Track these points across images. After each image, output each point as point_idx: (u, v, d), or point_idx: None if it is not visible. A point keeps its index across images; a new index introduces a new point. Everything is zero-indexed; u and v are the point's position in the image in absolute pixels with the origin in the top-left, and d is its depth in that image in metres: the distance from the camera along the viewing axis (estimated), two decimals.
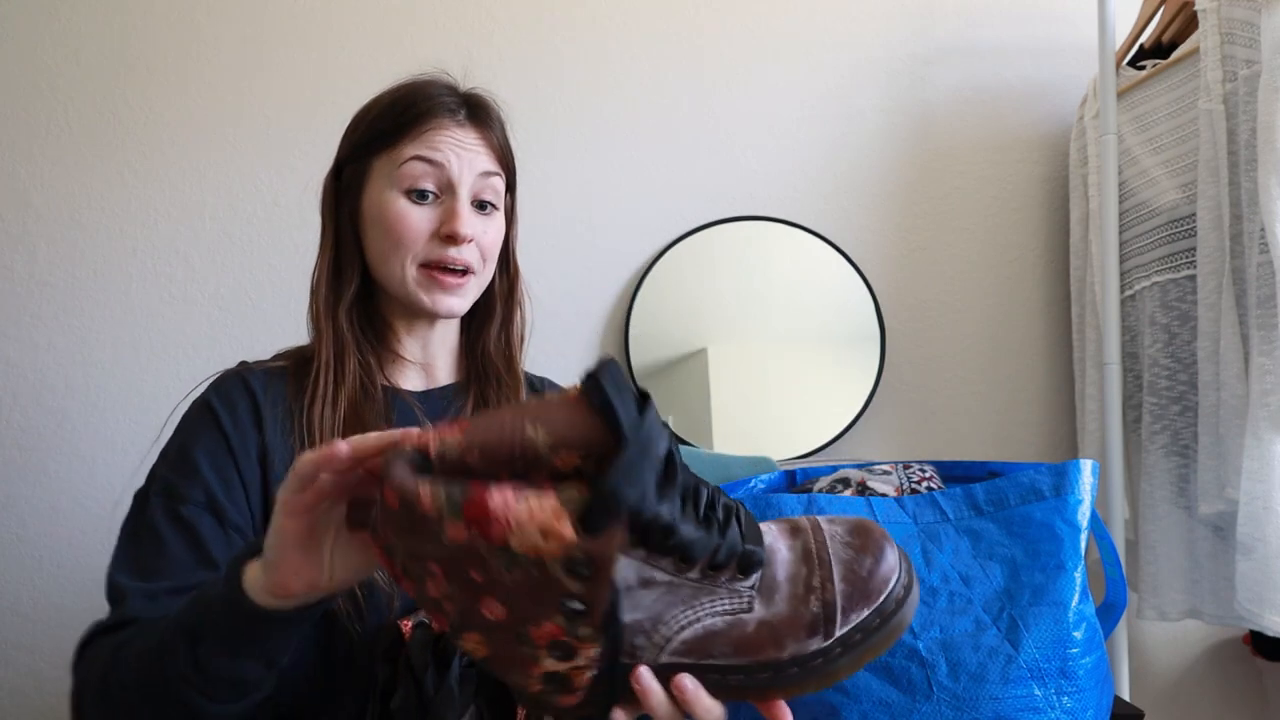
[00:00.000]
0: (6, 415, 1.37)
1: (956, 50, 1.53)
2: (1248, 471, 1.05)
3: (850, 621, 0.47)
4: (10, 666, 1.34)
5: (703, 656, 0.46)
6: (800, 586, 0.47)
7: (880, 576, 0.48)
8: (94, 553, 1.35)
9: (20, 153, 1.40)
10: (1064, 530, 0.64)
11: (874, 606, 0.47)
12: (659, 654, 0.46)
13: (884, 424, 1.47)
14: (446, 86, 0.81)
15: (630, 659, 0.46)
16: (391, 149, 0.78)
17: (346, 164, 0.82)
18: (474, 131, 0.80)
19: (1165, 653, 1.47)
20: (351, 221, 0.81)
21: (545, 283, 1.44)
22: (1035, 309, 1.51)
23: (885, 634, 0.47)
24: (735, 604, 0.47)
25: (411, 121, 0.78)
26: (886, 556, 0.48)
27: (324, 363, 0.77)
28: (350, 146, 0.82)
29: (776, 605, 0.47)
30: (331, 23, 1.46)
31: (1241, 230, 1.11)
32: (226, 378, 0.78)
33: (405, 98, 0.80)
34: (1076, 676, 0.59)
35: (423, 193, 0.77)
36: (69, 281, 1.39)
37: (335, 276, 0.80)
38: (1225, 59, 1.12)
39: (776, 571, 0.48)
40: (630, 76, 1.49)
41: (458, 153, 0.78)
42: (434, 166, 0.77)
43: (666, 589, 0.46)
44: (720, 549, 0.46)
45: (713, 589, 0.47)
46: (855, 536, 0.49)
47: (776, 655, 0.46)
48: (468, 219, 0.77)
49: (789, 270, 1.46)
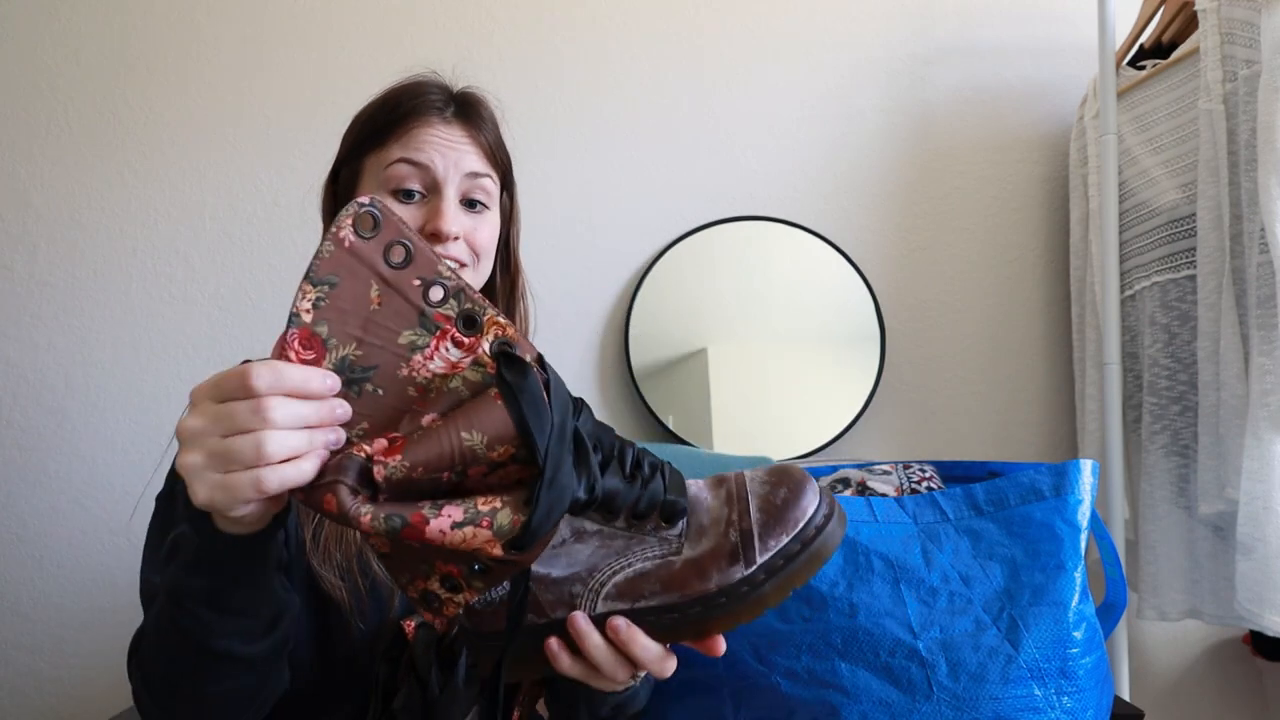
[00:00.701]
0: (6, 415, 1.37)
1: (956, 50, 1.53)
2: (1248, 471, 1.05)
3: (770, 549, 0.49)
4: (10, 666, 1.34)
5: (636, 599, 0.50)
6: (722, 525, 0.51)
7: (798, 506, 0.50)
8: (94, 553, 1.35)
9: (20, 153, 1.40)
10: (1064, 530, 0.64)
11: (793, 533, 0.50)
12: (595, 601, 0.50)
13: (884, 424, 1.47)
14: (436, 85, 0.81)
15: (567, 609, 0.50)
16: (380, 150, 0.79)
17: (343, 166, 0.83)
18: (461, 130, 0.80)
19: (1165, 653, 1.47)
20: None
21: (545, 283, 1.43)
22: (1035, 309, 1.51)
23: (807, 558, 0.49)
24: (664, 549, 0.50)
25: (398, 121, 0.78)
26: (804, 489, 0.51)
27: None
28: (345, 149, 0.83)
29: (701, 545, 0.50)
30: (331, 23, 1.46)
31: (1241, 230, 1.11)
32: None
33: (393, 98, 0.80)
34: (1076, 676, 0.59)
35: (409, 192, 0.78)
36: (69, 281, 1.39)
37: None
38: (1225, 59, 1.12)
39: (701, 518, 0.52)
40: (630, 76, 1.49)
41: (443, 152, 0.78)
42: (418, 168, 0.77)
43: (599, 541, 0.50)
44: (641, 499, 0.50)
45: (642, 538, 0.50)
46: (773, 475, 0.53)
47: (703, 588, 0.49)
48: (452, 217, 0.77)
49: (789, 270, 1.46)
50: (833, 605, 0.60)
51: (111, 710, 1.12)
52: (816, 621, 0.60)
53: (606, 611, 0.50)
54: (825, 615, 0.60)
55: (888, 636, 0.59)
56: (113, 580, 1.35)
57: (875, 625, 0.59)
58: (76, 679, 1.35)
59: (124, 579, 1.35)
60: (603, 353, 1.46)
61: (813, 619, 0.60)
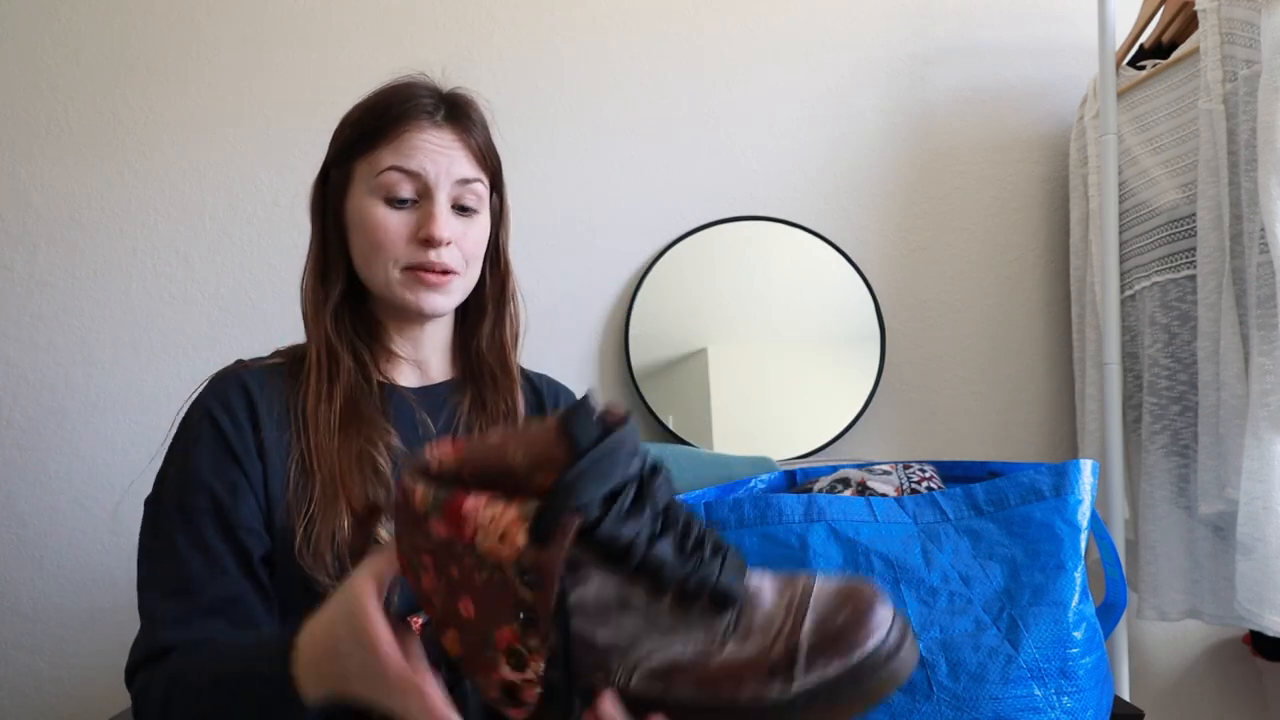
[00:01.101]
0: (6, 415, 1.37)
1: (956, 50, 1.53)
2: (1248, 471, 1.05)
3: (815, 672, 0.44)
4: (10, 666, 1.34)
5: (669, 687, 0.46)
6: (772, 632, 0.46)
7: (859, 630, 0.45)
8: (94, 553, 1.35)
9: (20, 153, 1.40)
10: (1064, 530, 0.64)
11: (847, 662, 0.44)
12: (630, 678, 0.47)
13: (884, 424, 1.47)
14: (426, 88, 0.81)
15: (602, 681, 0.47)
16: (370, 155, 0.78)
17: (332, 168, 0.82)
18: (452, 133, 0.80)
19: (1165, 653, 1.47)
20: (336, 225, 0.81)
21: (545, 283, 1.44)
22: (1035, 309, 1.51)
23: (856, 693, 0.45)
24: (708, 639, 0.47)
25: (388, 126, 0.78)
26: (871, 613, 0.46)
27: (314, 360, 0.78)
28: (334, 151, 0.82)
29: (745, 648, 0.46)
30: (331, 23, 1.46)
31: (1241, 230, 1.11)
32: (223, 378, 0.79)
33: (383, 101, 0.80)
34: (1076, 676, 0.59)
35: (401, 199, 0.78)
36: (69, 281, 1.39)
37: (322, 278, 0.81)
38: (1225, 59, 1.12)
39: (755, 616, 0.47)
40: (630, 76, 1.49)
41: (434, 158, 0.78)
42: (410, 175, 0.77)
43: (644, 615, 0.47)
44: (691, 578, 0.46)
45: (688, 621, 0.47)
46: (844, 590, 0.48)
47: (733, 696, 0.45)
48: (445, 222, 0.77)
49: (789, 270, 1.46)
50: None
51: (111, 710, 1.12)
52: None
53: (639, 692, 0.46)
54: None
55: None
56: (113, 580, 1.35)
57: None
58: (76, 679, 1.35)
59: (124, 579, 1.35)
60: (603, 353, 1.46)
61: None
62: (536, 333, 1.45)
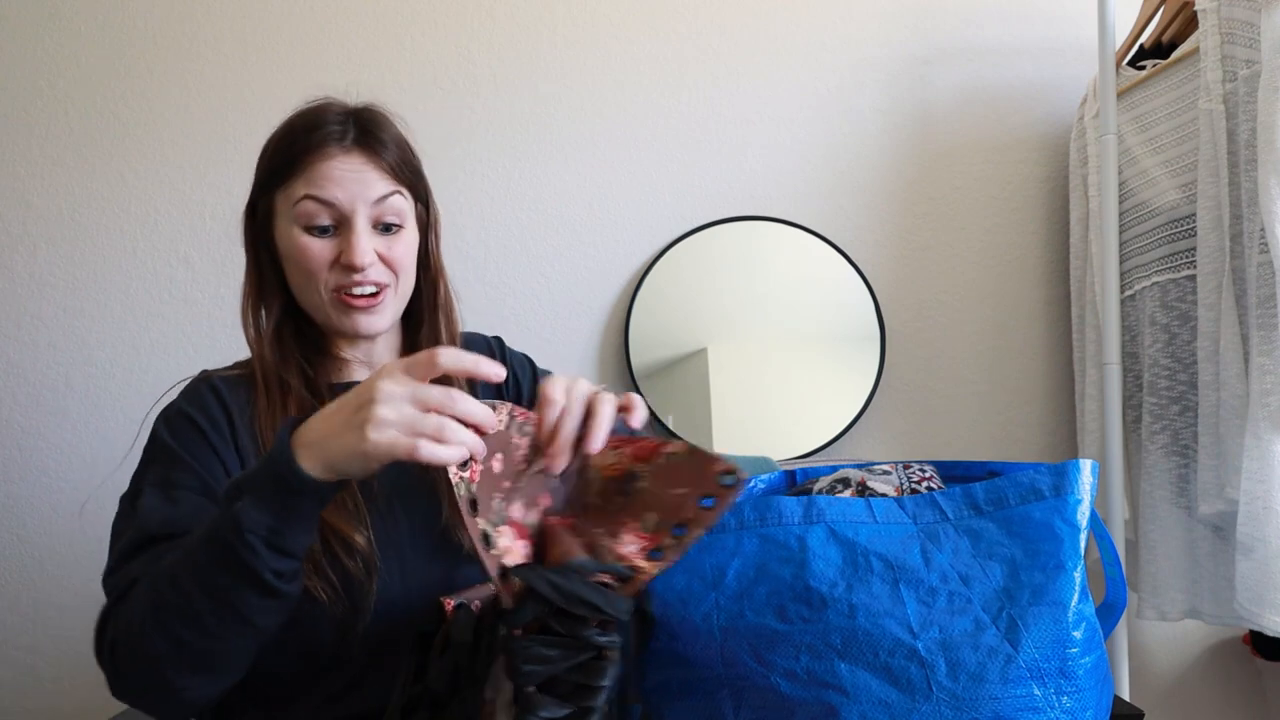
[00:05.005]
0: (6, 415, 1.37)
1: (956, 50, 1.53)
2: (1248, 471, 1.05)
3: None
4: (10, 666, 1.34)
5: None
6: None
7: None
8: (94, 553, 1.35)
9: (20, 153, 1.40)
10: (1064, 530, 0.64)
11: None
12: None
13: (884, 424, 1.47)
14: (334, 112, 0.81)
15: None
16: (286, 186, 0.79)
17: (258, 199, 0.83)
18: (362, 156, 0.79)
19: (1165, 653, 1.47)
20: (270, 252, 0.83)
21: (545, 283, 1.44)
22: (1035, 309, 1.51)
23: None
24: None
25: (299, 156, 0.78)
26: None
27: (262, 378, 0.80)
28: (256, 183, 0.83)
29: None
30: (331, 23, 1.46)
31: (1241, 230, 1.10)
32: (194, 385, 0.81)
33: (292, 132, 0.80)
34: (1076, 676, 0.59)
35: (323, 228, 0.78)
36: (69, 281, 1.39)
37: (257, 304, 0.83)
38: (1225, 59, 1.12)
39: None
40: (630, 77, 1.49)
41: (345, 185, 0.78)
42: (325, 205, 0.77)
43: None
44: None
45: None
46: None
47: None
48: (364, 249, 0.78)
49: (789, 270, 1.46)
50: (832, 606, 0.60)
51: (112, 710, 1.12)
52: (816, 622, 0.60)
53: None
54: (824, 616, 0.60)
55: (887, 637, 0.59)
56: None
57: (874, 625, 0.59)
58: (76, 679, 1.35)
59: None
60: (603, 353, 1.46)
61: (812, 619, 0.60)
62: (537, 332, 1.46)
